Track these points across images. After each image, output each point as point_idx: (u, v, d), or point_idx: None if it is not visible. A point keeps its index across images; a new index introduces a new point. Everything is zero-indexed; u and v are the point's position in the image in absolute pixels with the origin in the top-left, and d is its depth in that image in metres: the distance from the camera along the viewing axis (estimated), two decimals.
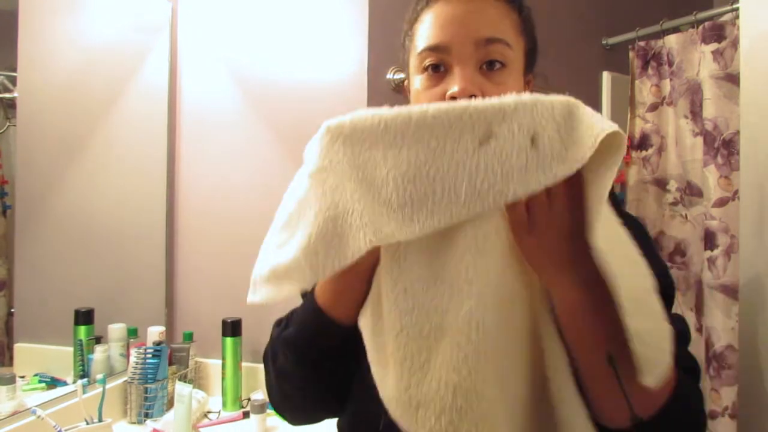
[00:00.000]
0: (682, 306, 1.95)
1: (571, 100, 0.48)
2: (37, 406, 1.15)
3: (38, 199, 1.31)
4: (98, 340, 1.39)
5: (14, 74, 1.24)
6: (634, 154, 2.10)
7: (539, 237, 0.49)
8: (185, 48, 1.66)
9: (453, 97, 0.58)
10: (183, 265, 1.65)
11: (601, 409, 0.53)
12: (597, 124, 0.46)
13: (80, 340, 1.34)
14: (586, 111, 0.48)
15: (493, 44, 0.59)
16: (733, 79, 1.73)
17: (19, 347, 1.22)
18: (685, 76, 1.92)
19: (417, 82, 0.64)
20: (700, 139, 1.85)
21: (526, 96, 0.48)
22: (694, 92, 1.89)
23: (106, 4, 1.47)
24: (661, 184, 2.04)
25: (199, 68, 1.64)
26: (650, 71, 2.05)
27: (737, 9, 1.64)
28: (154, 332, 1.45)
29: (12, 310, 1.22)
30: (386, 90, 1.51)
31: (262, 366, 0.73)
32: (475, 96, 0.57)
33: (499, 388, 0.51)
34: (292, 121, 1.55)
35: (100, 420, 1.17)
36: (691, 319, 1.92)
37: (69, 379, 1.32)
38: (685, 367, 0.59)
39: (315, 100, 1.52)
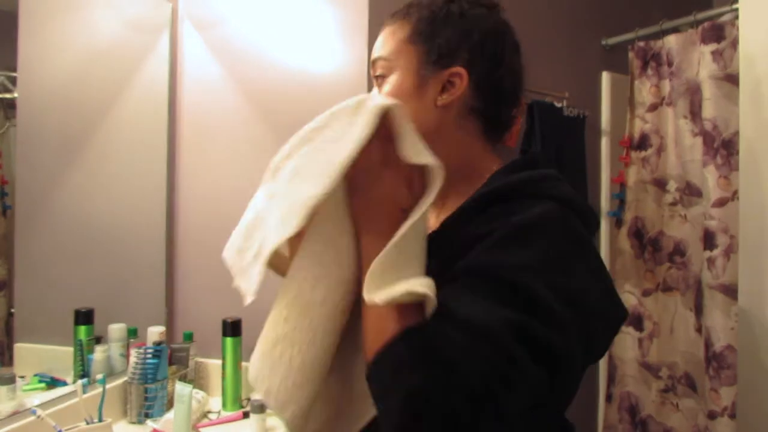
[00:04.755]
0: (681, 306, 1.96)
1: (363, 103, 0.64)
2: (37, 406, 1.15)
3: (38, 199, 1.31)
4: (98, 340, 1.39)
5: (14, 74, 1.24)
6: (633, 154, 2.10)
7: (356, 199, 0.65)
8: (185, 48, 1.66)
9: None
10: (183, 265, 1.65)
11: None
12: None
13: (80, 340, 1.34)
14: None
15: (375, 63, 0.76)
16: (732, 79, 1.73)
17: (19, 347, 1.22)
18: (684, 76, 1.93)
19: None
20: (699, 140, 1.86)
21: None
22: (694, 92, 1.89)
23: (106, 4, 1.47)
24: (661, 184, 2.04)
25: (199, 68, 1.64)
26: (650, 71, 2.06)
27: (737, 9, 1.64)
28: (154, 332, 1.45)
29: (12, 310, 1.22)
30: None
31: None
32: None
33: (311, 342, 0.63)
34: (293, 121, 1.53)
35: (100, 420, 1.17)
36: (691, 319, 1.92)
37: (69, 379, 1.32)
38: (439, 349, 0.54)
39: (315, 100, 1.52)
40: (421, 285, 0.55)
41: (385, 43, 0.75)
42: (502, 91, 0.74)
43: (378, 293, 0.55)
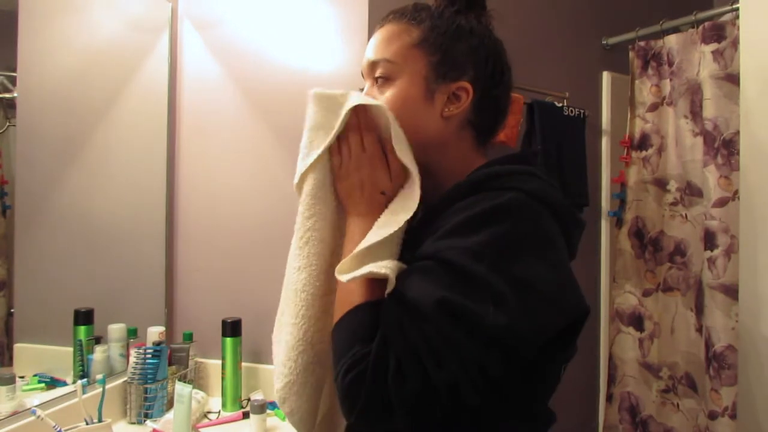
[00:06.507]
0: (682, 306, 1.95)
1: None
2: (36, 406, 1.15)
3: (38, 199, 1.31)
4: (98, 340, 1.39)
5: (14, 74, 1.24)
6: (634, 154, 2.10)
7: (340, 183, 0.75)
8: (185, 48, 1.66)
9: None
10: (183, 265, 1.65)
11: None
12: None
13: (80, 340, 1.34)
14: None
15: (377, 64, 0.75)
16: (733, 79, 1.73)
17: (19, 347, 1.22)
18: (685, 76, 1.92)
19: None
20: (700, 139, 1.85)
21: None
22: (694, 92, 1.89)
23: (106, 4, 1.47)
24: (661, 184, 2.04)
25: (199, 68, 1.64)
26: (650, 71, 2.05)
27: (737, 9, 1.64)
28: (154, 332, 1.45)
29: (12, 310, 1.22)
30: None
31: (261, 366, 0.75)
32: None
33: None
34: (292, 120, 1.54)
35: (99, 420, 1.17)
36: (691, 319, 1.92)
37: (69, 379, 1.32)
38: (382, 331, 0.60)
39: None
40: (385, 267, 0.62)
41: (389, 44, 0.74)
42: (499, 108, 0.78)
43: (345, 275, 0.63)
